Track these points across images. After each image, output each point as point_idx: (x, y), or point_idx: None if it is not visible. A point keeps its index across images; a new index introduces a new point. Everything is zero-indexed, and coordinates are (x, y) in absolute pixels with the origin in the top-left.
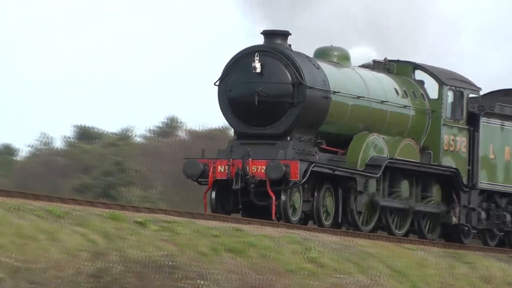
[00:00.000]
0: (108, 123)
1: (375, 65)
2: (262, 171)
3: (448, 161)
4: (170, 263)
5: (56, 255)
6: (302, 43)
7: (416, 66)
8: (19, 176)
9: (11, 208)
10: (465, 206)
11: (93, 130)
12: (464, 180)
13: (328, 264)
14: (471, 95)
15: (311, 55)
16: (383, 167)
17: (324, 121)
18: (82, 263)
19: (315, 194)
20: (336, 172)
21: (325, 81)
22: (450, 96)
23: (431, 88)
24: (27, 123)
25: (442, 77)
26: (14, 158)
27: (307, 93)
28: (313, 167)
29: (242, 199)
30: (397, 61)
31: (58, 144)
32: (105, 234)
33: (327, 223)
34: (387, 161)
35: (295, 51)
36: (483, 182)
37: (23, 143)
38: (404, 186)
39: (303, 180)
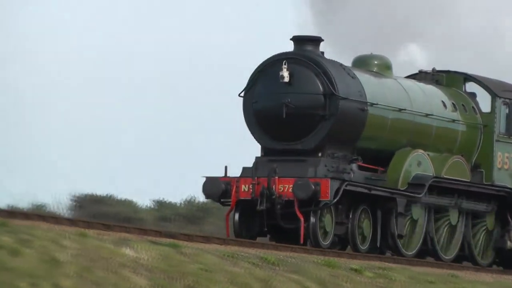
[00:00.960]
0: None
1: (422, 76)
2: (290, 190)
3: (502, 180)
4: None
5: None
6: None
7: (467, 77)
8: None
9: (226, 256)
10: None
11: None
12: None
13: None
14: None
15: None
16: (427, 186)
17: (361, 136)
18: None
19: (350, 216)
20: (373, 192)
21: (361, 92)
22: (504, 110)
23: (484, 101)
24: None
25: (495, 89)
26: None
27: (340, 105)
28: (346, 186)
29: (268, 222)
30: (447, 72)
31: None
32: (320, 281)
33: (363, 247)
34: (432, 180)
35: (328, 59)
36: None
37: None
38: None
39: (335, 200)
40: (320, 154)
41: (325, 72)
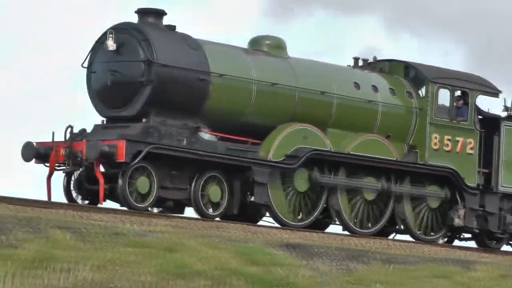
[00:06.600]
0: None
1: (355, 63)
2: None
3: (439, 161)
4: None
5: None
6: None
7: (408, 65)
8: None
9: None
10: (472, 209)
11: None
12: (474, 182)
13: None
14: (481, 97)
15: None
16: (304, 157)
17: (205, 106)
18: None
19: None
20: (206, 158)
21: (202, 63)
22: (443, 95)
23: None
24: None
25: (429, 74)
26: None
27: (160, 72)
28: (152, 149)
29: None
30: (390, 61)
31: None
32: None
33: (214, 213)
34: (312, 152)
35: (161, 28)
36: (507, 185)
37: None
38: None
39: (135, 162)
40: (144, 120)
41: (145, 39)
